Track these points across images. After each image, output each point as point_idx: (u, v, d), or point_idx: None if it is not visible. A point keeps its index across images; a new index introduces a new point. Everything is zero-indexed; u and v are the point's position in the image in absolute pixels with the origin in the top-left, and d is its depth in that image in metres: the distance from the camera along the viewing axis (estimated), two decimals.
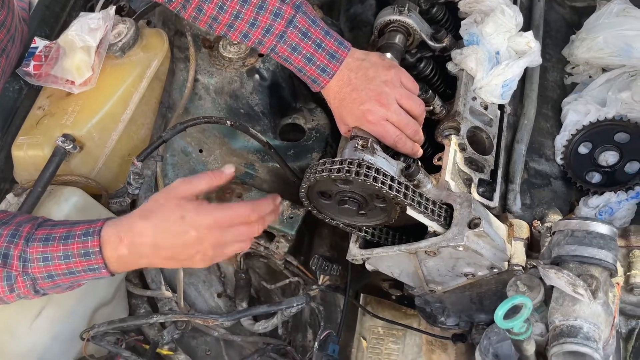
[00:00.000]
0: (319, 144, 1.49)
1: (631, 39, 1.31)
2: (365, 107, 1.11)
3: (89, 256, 0.98)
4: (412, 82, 1.17)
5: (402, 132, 1.13)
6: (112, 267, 1.00)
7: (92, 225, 0.99)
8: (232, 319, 1.29)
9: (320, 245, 1.54)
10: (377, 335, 1.69)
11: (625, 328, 1.01)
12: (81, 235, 0.98)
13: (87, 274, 1.00)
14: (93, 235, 0.98)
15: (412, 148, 1.15)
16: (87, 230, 0.99)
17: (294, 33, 1.13)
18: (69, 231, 0.99)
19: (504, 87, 1.24)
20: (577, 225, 0.91)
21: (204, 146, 1.47)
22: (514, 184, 1.22)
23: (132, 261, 1.01)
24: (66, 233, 0.99)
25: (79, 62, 1.24)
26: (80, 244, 0.97)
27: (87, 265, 0.98)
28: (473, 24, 1.27)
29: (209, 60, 1.45)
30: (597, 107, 1.33)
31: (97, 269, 0.99)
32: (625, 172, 1.27)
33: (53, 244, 0.98)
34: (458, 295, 1.18)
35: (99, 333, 1.21)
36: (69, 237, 0.98)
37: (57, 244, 0.98)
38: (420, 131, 1.16)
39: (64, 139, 1.19)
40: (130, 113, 1.30)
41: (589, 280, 0.86)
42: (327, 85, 1.15)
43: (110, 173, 1.33)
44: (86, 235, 0.98)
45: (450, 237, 1.00)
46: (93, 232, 0.98)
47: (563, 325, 0.85)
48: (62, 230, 0.99)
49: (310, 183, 1.04)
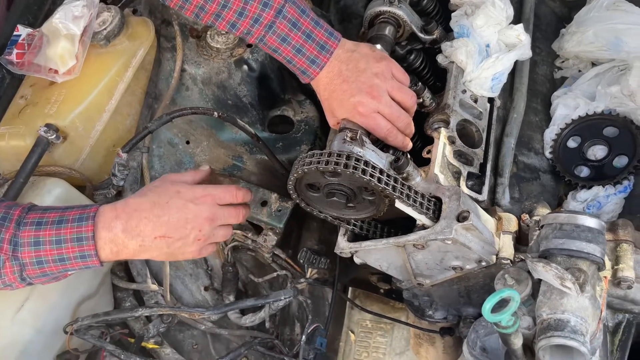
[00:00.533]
0: (308, 137, 1.47)
1: (621, 33, 1.30)
2: (357, 99, 1.10)
3: (82, 241, 0.97)
4: (403, 74, 1.16)
5: (393, 125, 1.12)
6: (103, 253, 1.00)
7: (86, 211, 1.00)
8: (219, 312, 1.28)
9: (309, 239, 1.53)
10: (365, 329, 1.69)
11: (612, 322, 1.02)
12: (75, 220, 0.98)
13: (77, 261, 0.99)
14: (87, 220, 0.98)
15: (402, 141, 1.15)
16: (81, 215, 0.99)
17: (283, 23, 1.12)
18: (62, 215, 0.99)
19: (494, 80, 1.23)
20: (565, 219, 0.91)
21: (190, 138, 1.45)
22: (503, 177, 1.21)
23: (125, 242, 1.00)
24: (59, 217, 0.98)
25: (62, 50, 1.22)
26: (73, 228, 0.97)
27: (78, 252, 0.98)
28: (464, 16, 1.26)
29: (197, 50, 1.43)
30: (586, 101, 1.33)
31: (87, 257, 0.98)
32: (614, 166, 1.27)
33: (45, 228, 0.97)
34: (446, 288, 1.18)
35: (83, 326, 1.19)
36: (62, 221, 0.98)
37: (49, 228, 0.97)
38: (411, 124, 1.15)
39: (47, 129, 1.16)
40: (115, 103, 1.28)
41: (576, 274, 0.85)
42: (317, 77, 1.14)
43: (95, 164, 1.31)
44: (80, 220, 0.98)
45: (439, 230, 0.99)
46: (87, 217, 0.98)
47: (550, 319, 0.85)
48: (55, 214, 0.99)
49: (298, 175, 1.02)
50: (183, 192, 1.05)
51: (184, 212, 1.03)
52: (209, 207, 1.06)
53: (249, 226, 1.41)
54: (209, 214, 1.06)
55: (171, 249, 1.05)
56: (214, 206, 1.07)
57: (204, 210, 1.05)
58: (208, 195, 1.07)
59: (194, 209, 1.04)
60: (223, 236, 1.12)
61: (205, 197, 1.07)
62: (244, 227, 1.40)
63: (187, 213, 1.04)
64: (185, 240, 1.04)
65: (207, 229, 1.06)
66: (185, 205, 1.04)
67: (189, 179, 1.12)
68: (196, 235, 1.05)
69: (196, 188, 1.08)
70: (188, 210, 1.04)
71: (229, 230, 1.14)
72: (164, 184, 1.08)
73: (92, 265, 1.00)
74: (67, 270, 1.01)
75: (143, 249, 1.02)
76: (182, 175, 1.13)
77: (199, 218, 1.05)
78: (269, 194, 1.39)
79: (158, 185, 1.07)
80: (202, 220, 1.05)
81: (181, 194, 1.05)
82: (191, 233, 1.04)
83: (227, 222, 1.10)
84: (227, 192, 1.10)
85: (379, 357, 1.65)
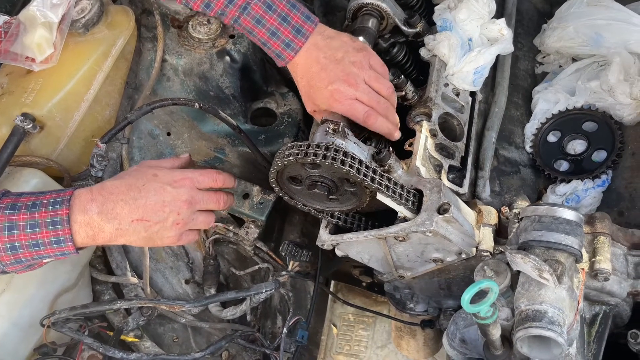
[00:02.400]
0: (291, 129, 1.47)
1: (601, 29, 1.32)
2: (334, 86, 1.09)
3: (57, 225, 0.95)
4: (381, 65, 1.16)
5: (371, 108, 1.11)
6: (79, 237, 0.98)
7: (61, 194, 0.98)
8: (199, 305, 1.27)
9: (291, 232, 1.53)
10: (347, 322, 1.69)
11: (589, 313, 1.03)
12: (49, 204, 0.96)
13: (52, 247, 0.97)
14: (62, 203, 0.96)
15: (387, 127, 1.13)
16: (55, 198, 0.97)
17: (258, 5, 1.10)
18: (36, 200, 0.97)
19: (476, 74, 1.24)
20: (544, 211, 0.91)
21: (172, 129, 1.44)
22: (484, 170, 1.22)
23: (101, 225, 0.98)
24: (33, 202, 0.96)
25: (39, 38, 1.19)
26: (48, 212, 0.96)
27: (53, 237, 0.96)
28: (446, 9, 1.26)
29: (178, 40, 1.41)
30: (566, 96, 1.34)
31: (62, 242, 0.97)
32: (592, 161, 1.29)
33: (19, 212, 0.95)
34: (427, 281, 1.19)
35: (60, 319, 1.17)
36: (36, 205, 0.96)
37: (23, 213, 0.95)
38: (393, 111, 1.15)
39: (23, 118, 1.14)
40: (94, 93, 1.26)
41: (554, 266, 0.86)
42: (292, 61, 1.13)
43: (73, 155, 1.29)
44: (55, 203, 0.96)
45: (420, 222, 0.99)
46: (62, 200, 0.97)
47: (528, 310, 0.86)
48: (29, 199, 0.97)
49: (278, 168, 1.02)
50: (161, 175, 1.04)
51: (161, 195, 1.01)
52: (188, 190, 1.04)
53: (230, 219, 1.40)
54: (188, 196, 1.04)
55: (149, 233, 1.02)
56: (193, 189, 1.05)
57: (182, 193, 1.03)
58: (186, 178, 1.05)
59: (172, 192, 1.02)
60: (203, 222, 1.10)
61: (183, 179, 1.05)
62: (226, 220, 1.39)
63: (164, 195, 1.02)
64: (164, 223, 1.03)
65: (185, 212, 1.04)
66: (163, 188, 1.02)
67: (168, 165, 1.11)
68: (175, 219, 1.03)
69: (174, 171, 1.07)
70: (166, 192, 1.02)
71: (209, 216, 1.12)
72: (142, 167, 1.06)
73: (68, 251, 0.98)
74: (42, 258, 0.99)
75: (120, 233, 1.00)
76: (161, 161, 1.12)
77: (177, 201, 1.03)
78: (251, 187, 1.38)
79: (136, 169, 1.06)
80: (181, 203, 1.03)
81: (159, 177, 1.03)
82: (169, 216, 1.02)
83: (206, 206, 1.08)
84: (206, 175, 1.09)
85: (360, 350, 1.66)
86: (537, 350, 0.87)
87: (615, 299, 1.02)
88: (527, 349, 0.87)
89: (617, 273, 0.99)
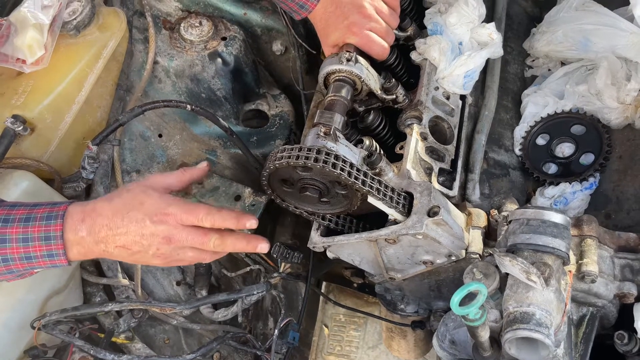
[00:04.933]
0: (283, 131, 1.47)
1: (589, 33, 1.33)
2: (349, 20, 1.19)
3: (50, 240, 0.95)
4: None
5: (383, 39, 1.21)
6: (71, 253, 0.98)
7: (55, 209, 0.97)
8: (190, 307, 1.27)
9: (283, 234, 1.53)
10: (338, 323, 1.70)
11: (577, 315, 1.04)
12: (43, 219, 0.95)
13: (44, 260, 0.97)
14: (56, 219, 0.95)
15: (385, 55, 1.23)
16: (49, 213, 0.96)
17: None
18: (30, 213, 0.96)
19: (466, 78, 1.25)
20: (532, 214, 0.93)
21: (163, 131, 1.44)
22: (474, 173, 1.23)
23: (90, 247, 0.98)
24: (27, 215, 0.96)
25: (30, 40, 1.18)
26: (41, 227, 0.95)
27: (45, 251, 0.95)
28: (437, 14, 1.27)
29: (170, 42, 1.41)
30: (555, 100, 1.36)
31: (55, 255, 0.96)
32: (580, 164, 1.31)
33: (12, 226, 0.94)
34: (417, 282, 1.19)
35: (51, 322, 1.17)
36: (29, 219, 0.95)
37: (16, 226, 0.94)
38: (393, 37, 1.25)
39: (14, 120, 1.14)
40: (85, 94, 1.25)
41: (542, 268, 0.87)
42: (314, 10, 1.21)
43: (64, 156, 1.28)
44: (49, 218, 0.95)
45: (410, 225, 1.00)
46: (56, 215, 0.96)
47: (517, 312, 0.87)
48: (22, 211, 0.96)
49: (270, 171, 1.02)
50: (147, 205, 0.98)
51: (140, 228, 0.97)
52: (167, 227, 0.98)
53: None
54: (167, 234, 0.98)
55: (134, 258, 1.01)
56: (175, 227, 0.98)
57: (160, 230, 0.97)
58: (169, 214, 0.98)
59: (150, 227, 0.97)
60: (192, 259, 1.03)
61: (166, 215, 0.98)
62: None
63: (143, 229, 0.97)
64: (144, 253, 1.00)
65: (165, 248, 0.99)
66: (143, 221, 0.97)
67: (174, 182, 1.05)
68: (154, 252, 0.99)
69: (162, 201, 0.99)
70: (145, 226, 0.97)
71: (201, 254, 1.03)
72: (137, 188, 1.01)
73: (60, 264, 0.98)
74: (34, 268, 0.99)
75: (107, 254, 1.00)
76: (167, 177, 1.06)
77: (155, 237, 0.98)
78: (242, 189, 1.38)
79: (130, 190, 1.01)
80: (159, 239, 0.98)
81: (144, 207, 0.98)
82: (149, 249, 0.99)
83: (190, 245, 1.00)
84: (191, 213, 0.99)
85: (352, 350, 1.66)
86: (525, 352, 0.88)
87: (602, 300, 1.03)
88: (515, 350, 0.88)
89: (604, 275, 1.01)
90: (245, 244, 1.05)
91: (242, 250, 1.07)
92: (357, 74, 1.16)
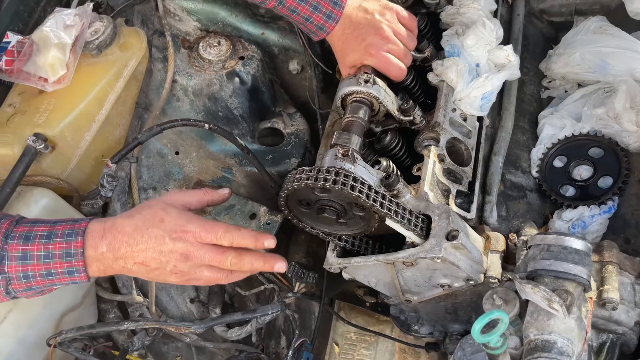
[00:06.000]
0: (298, 150, 1.48)
1: (607, 56, 1.33)
2: (367, 42, 1.20)
3: (71, 257, 0.96)
4: (409, 18, 1.27)
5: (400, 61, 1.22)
6: (91, 270, 0.98)
7: (76, 226, 0.98)
8: (205, 327, 1.27)
9: (297, 252, 1.53)
10: (349, 341, 1.69)
11: (597, 342, 1.03)
12: (64, 235, 0.96)
13: (65, 277, 0.97)
14: (77, 235, 0.96)
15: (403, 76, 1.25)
16: (70, 230, 0.97)
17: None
18: (51, 230, 0.97)
19: (484, 100, 1.25)
20: (553, 240, 0.92)
21: (180, 148, 1.45)
22: (491, 195, 1.23)
23: (110, 263, 0.99)
24: (48, 232, 0.96)
25: (53, 59, 1.20)
26: (62, 244, 0.96)
27: (66, 267, 0.96)
28: (454, 35, 1.28)
29: (188, 61, 1.43)
30: (572, 122, 1.35)
31: (75, 272, 0.97)
32: (599, 187, 1.30)
33: (34, 243, 0.95)
34: (433, 305, 1.19)
35: (67, 339, 1.17)
36: (50, 236, 0.96)
37: (38, 243, 0.95)
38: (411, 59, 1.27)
39: (35, 138, 1.15)
40: (105, 113, 1.27)
41: (563, 296, 0.87)
42: (332, 31, 1.22)
43: (83, 174, 1.29)
44: (69, 235, 0.96)
45: (428, 248, 1.00)
46: (77, 232, 0.97)
47: (538, 340, 0.86)
48: (44, 228, 0.97)
49: (288, 192, 1.03)
50: (166, 222, 0.99)
51: (159, 244, 0.98)
52: (185, 245, 0.98)
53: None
54: (184, 251, 0.98)
55: (151, 275, 1.01)
56: (193, 244, 0.99)
57: (179, 247, 0.98)
58: (188, 232, 0.99)
59: (169, 244, 0.98)
60: (208, 279, 1.03)
61: (185, 232, 0.98)
62: None
63: (162, 246, 0.98)
64: (162, 270, 1.00)
65: (183, 265, 0.99)
66: (162, 237, 0.98)
67: (193, 201, 1.06)
68: (172, 269, 1.00)
69: (181, 219, 1.00)
70: (164, 243, 0.98)
71: (217, 273, 1.03)
72: (158, 204, 1.02)
73: (80, 280, 0.99)
74: (54, 285, 1.00)
75: (126, 270, 1.00)
76: (187, 195, 1.07)
77: (173, 254, 0.98)
78: (258, 207, 1.39)
79: (150, 206, 1.02)
80: (177, 256, 0.98)
81: (164, 224, 0.99)
82: (167, 265, 0.99)
83: (207, 263, 1.01)
84: (210, 231, 0.99)
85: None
86: None
87: (623, 327, 1.02)
88: None
89: (625, 302, 1.00)
90: (262, 263, 1.05)
91: (259, 270, 1.07)
92: (375, 95, 1.16)
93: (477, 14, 1.30)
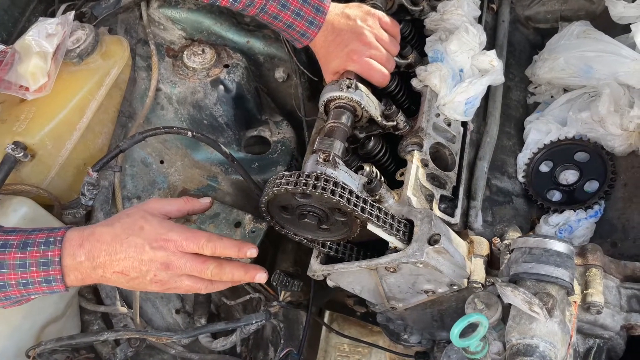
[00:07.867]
0: (284, 158, 1.47)
1: (591, 60, 1.33)
2: (350, 48, 1.20)
3: (47, 266, 0.94)
4: (391, 24, 1.27)
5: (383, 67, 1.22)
6: (69, 279, 0.97)
7: (54, 234, 0.97)
8: (187, 336, 1.25)
9: (284, 261, 1.51)
10: (342, 353, 1.67)
11: (583, 347, 1.01)
12: (41, 244, 0.95)
13: (42, 286, 0.96)
14: (54, 244, 0.95)
15: (386, 82, 1.24)
16: (47, 238, 0.96)
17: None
18: (28, 238, 0.96)
19: (467, 105, 1.24)
20: (534, 243, 0.91)
21: (165, 157, 1.44)
22: (476, 200, 1.22)
23: (88, 272, 0.97)
24: (24, 240, 0.95)
25: (33, 67, 1.20)
26: (39, 252, 0.94)
27: (43, 276, 0.95)
28: (438, 41, 1.28)
29: (172, 69, 1.43)
30: (558, 127, 1.35)
31: (53, 281, 0.95)
32: (585, 191, 1.29)
33: (10, 252, 0.94)
34: (419, 312, 1.17)
35: (46, 350, 1.15)
36: (27, 244, 0.95)
37: (14, 252, 0.94)
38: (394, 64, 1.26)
39: (14, 147, 1.14)
40: (86, 121, 1.26)
41: (545, 299, 0.85)
42: (315, 38, 1.22)
43: (64, 183, 1.28)
44: (46, 244, 0.95)
45: (410, 253, 0.99)
46: (54, 241, 0.95)
47: (520, 344, 0.84)
48: (20, 237, 0.96)
49: (268, 197, 1.01)
50: (146, 230, 0.98)
51: (139, 253, 0.97)
52: (166, 253, 0.97)
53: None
54: (165, 260, 0.97)
55: (131, 284, 1.00)
56: (174, 253, 0.98)
57: (159, 256, 0.97)
58: (169, 240, 0.98)
59: (149, 253, 0.97)
60: (188, 287, 1.02)
61: (166, 241, 0.98)
62: None
63: (142, 254, 0.97)
64: (142, 279, 0.99)
65: (163, 275, 0.98)
66: (142, 246, 0.96)
67: (173, 210, 1.05)
68: (152, 278, 0.99)
69: (162, 227, 0.99)
70: (144, 252, 0.97)
71: (197, 283, 1.02)
72: (137, 212, 1.01)
73: (57, 290, 0.97)
74: (31, 295, 0.98)
75: (105, 280, 0.99)
76: (167, 204, 1.05)
77: (154, 262, 0.97)
78: (243, 215, 1.37)
79: (130, 215, 1.01)
80: (158, 265, 0.97)
81: (143, 232, 0.97)
82: (147, 275, 0.98)
83: (188, 272, 1.00)
84: (192, 240, 0.99)
85: None
86: None
87: (609, 332, 1.00)
88: None
89: (610, 306, 0.98)
90: (243, 273, 1.04)
91: (240, 280, 1.06)
92: (357, 101, 1.16)
93: (460, 20, 1.30)
